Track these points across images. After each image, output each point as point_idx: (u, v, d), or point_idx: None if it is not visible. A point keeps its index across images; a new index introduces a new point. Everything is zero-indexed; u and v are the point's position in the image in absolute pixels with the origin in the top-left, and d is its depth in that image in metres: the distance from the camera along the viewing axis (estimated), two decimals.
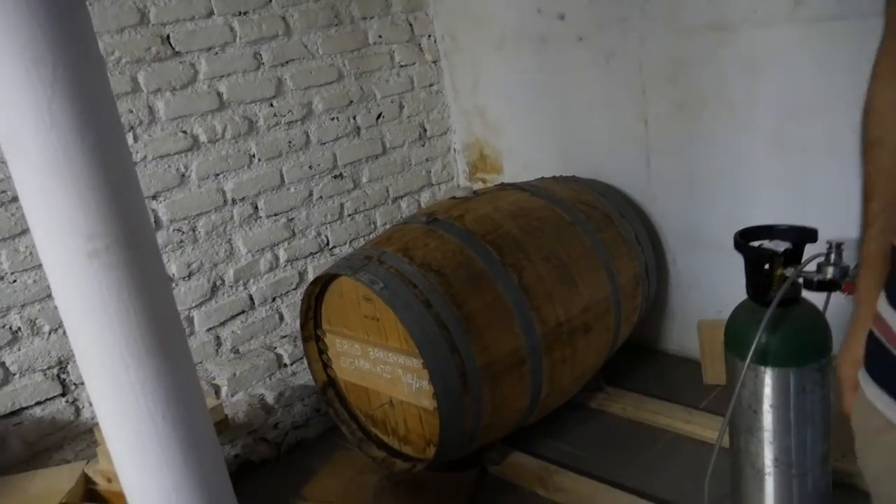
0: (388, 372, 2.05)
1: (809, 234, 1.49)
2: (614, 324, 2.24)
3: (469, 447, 2.02)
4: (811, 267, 1.42)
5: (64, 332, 2.10)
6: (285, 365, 2.55)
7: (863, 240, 0.95)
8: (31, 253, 2.02)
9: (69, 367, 2.13)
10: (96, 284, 0.66)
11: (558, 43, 2.58)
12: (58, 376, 2.12)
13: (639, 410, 2.33)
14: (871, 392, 0.88)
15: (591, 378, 2.35)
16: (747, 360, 1.42)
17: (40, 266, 2.04)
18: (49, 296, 2.07)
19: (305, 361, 2.28)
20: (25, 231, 2.01)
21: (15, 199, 1.98)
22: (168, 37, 2.23)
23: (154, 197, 2.25)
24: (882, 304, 0.87)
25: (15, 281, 2.02)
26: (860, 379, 0.92)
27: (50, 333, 2.09)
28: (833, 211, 1.98)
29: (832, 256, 1.39)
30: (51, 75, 0.60)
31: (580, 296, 2.10)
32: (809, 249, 1.46)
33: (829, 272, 1.39)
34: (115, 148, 0.64)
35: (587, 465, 2.12)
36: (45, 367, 2.10)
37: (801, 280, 1.44)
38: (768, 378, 1.49)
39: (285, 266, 2.60)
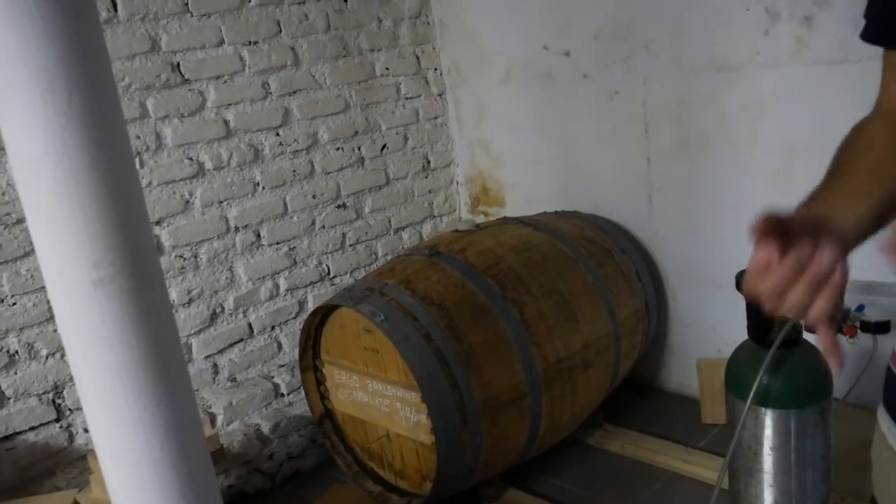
0: (386, 405, 2.03)
1: None
2: (614, 360, 2.23)
3: (466, 483, 2.00)
4: None
5: (61, 357, 2.09)
6: (282, 395, 2.53)
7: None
8: (32, 276, 2.02)
9: (65, 391, 2.12)
10: (100, 312, 0.65)
11: (563, 79, 2.60)
12: (53, 401, 2.11)
13: (637, 449, 2.31)
14: (885, 426, 0.90)
15: (591, 415, 2.33)
16: (748, 402, 1.41)
17: (41, 289, 2.04)
18: (48, 320, 2.07)
19: (303, 392, 2.26)
20: (28, 254, 2.01)
21: (19, 221, 1.98)
22: (178, 64, 2.26)
23: (158, 223, 2.25)
24: None
25: (15, 304, 2.02)
26: (878, 414, 0.93)
27: (47, 358, 2.08)
28: None
29: None
30: (66, 103, 0.60)
31: (581, 332, 2.10)
32: None
33: None
34: (125, 177, 0.64)
35: None
36: (40, 392, 2.08)
37: (802, 322, 1.43)
38: (769, 420, 1.48)
39: (285, 295, 2.59)
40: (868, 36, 0.90)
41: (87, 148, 0.66)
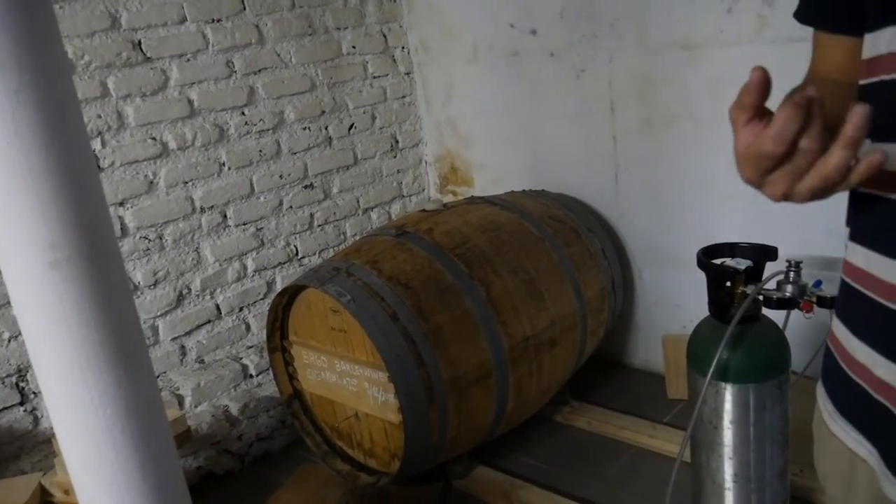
0: (354, 385, 2.04)
1: (770, 253, 1.52)
2: (580, 338, 2.26)
3: (434, 461, 2.02)
4: (771, 285, 1.44)
5: (24, 340, 2.06)
6: (251, 376, 2.52)
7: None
8: None
9: (28, 375, 2.09)
10: (56, 295, 0.64)
11: (530, 58, 2.60)
12: (16, 384, 2.08)
13: (604, 424, 2.34)
14: (821, 401, 0.92)
15: (557, 392, 2.36)
16: (708, 377, 1.44)
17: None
18: (8, 303, 2.03)
19: (271, 373, 2.26)
20: None
21: None
22: (139, 42, 2.21)
23: (121, 204, 2.22)
24: (835, 321, 0.90)
25: None
26: (817, 388, 0.95)
27: (9, 341, 2.05)
28: (793, 230, 2.02)
29: (791, 275, 1.42)
30: (16, 83, 0.59)
31: (547, 310, 2.12)
32: (770, 268, 1.49)
33: (788, 290, 1.42)
34: (79, 157, 0.63)
35: (552, 480, 2.13)
36: (3, 375, 2.05)
37: (761, 298, 1.47)
38: (728, 394, 1.51)
39: (253, 276, 2.58)
40: (800, 16, 0.91)
41: (40, 127, 0.65)
